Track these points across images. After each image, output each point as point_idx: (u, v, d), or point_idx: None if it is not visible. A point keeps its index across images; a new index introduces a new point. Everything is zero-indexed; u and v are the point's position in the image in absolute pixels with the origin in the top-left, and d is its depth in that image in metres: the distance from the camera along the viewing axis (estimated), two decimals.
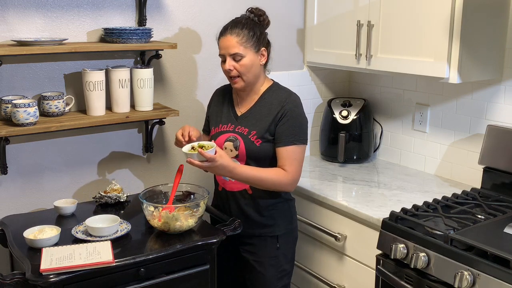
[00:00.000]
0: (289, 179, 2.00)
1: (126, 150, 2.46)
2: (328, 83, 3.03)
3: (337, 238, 2.31)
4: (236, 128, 2.07)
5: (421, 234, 1.89)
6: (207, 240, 1.93)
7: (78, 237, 1.88)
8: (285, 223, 2.15)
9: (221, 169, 1.90)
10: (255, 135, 2.03)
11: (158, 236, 1.95)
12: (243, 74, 2.01)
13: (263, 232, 2.11)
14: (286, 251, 2.15)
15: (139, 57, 2.40)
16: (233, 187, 2.10)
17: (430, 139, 2.66)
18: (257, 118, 2.06)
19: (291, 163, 2.00)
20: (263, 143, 2.03)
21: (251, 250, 2.13)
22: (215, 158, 1.86)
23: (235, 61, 2.00)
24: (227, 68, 2.00)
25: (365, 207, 2.22)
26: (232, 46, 1.98)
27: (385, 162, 2.88)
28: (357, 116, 2.80)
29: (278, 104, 2.04)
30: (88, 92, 2.18)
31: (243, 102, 2.12)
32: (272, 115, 2.04)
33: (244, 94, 2.11)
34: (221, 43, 2.02)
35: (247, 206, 2.09)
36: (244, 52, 1.99)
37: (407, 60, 2.28)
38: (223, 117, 2.13)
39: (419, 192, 2.39)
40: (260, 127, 2.04)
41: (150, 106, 2.33)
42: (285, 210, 2.15)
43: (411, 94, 2.73)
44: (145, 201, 1.99)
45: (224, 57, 2.02)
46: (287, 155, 2.01)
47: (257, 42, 2.02)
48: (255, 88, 2.09)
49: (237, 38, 1.99)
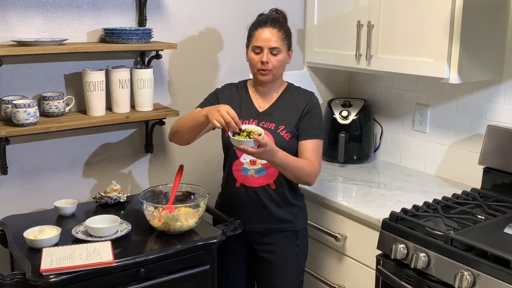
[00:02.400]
0: (316, 172, 2.02)
1: (126, 150, 2.46)
2: (328, 83, 3.03)
3: (337, 238, 2.31)
4: (260, 123, 2.06)
5: (421, 235, 1.89)
6: (207, 240, 1.93)
7: (78, 237, 1.88)
8: (303, 220, 2.17)
9: (269, 154, 1.85)
10: (284, 130, 2.04)
11: (158, 236, 1.95)
12: (276, 69, 2.04)
13: (284, 227, 2.10)
14: (303, 247, 2.18)
15: (139, 57, 2.40)
16: (254, 183, 2.07)
17: (430, 140, 2.66)
18: (282, 114, 2.07)
19: (316, 156, 2.03)
20: (292, 138, 2.05)
21: (270, 250, 2.11)
22: (267, 143, 1.81)
23: (272, 54, 2.02)
24: (265, 60, 2.01)
25: (365, 207, 2.22)
26: (273, 40, 2.01)
27: (385, 162, 2.88)
28: (357, 117, 2.79)
29: (303, 100, 2.09)
30: (88, 92, 2.18)
31: (263, 99, 2.13)
32: (299, 111, 2.07)
33: (264, 91, 2.11)
34: (260, 35, 2.02)
35: (269, 201, 2.08)
36: (281, 48, 2.03)
37: (407, 61, 2.28)
38: (242, 113, 2.09)
39: (419, 192, 2.39)
40: (288, 122, 2.06)
41: (150, 106, 2.33)
42: (303, 208, 2.18)
43: (411, 95, 2.73)
44: (145, 201, 1.99)
45: (260, 49, 2.02)
46: (313, 148, 2.04)
47: (289, 42, 2.08)
48: (275, 85, 2.12)
49: (279, 33, 2.02)
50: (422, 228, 1.92)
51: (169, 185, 2.12)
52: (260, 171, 2.06)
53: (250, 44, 2.06)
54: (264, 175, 2.06)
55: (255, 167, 2.06)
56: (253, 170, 2.07)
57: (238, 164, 2.08)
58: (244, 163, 2.07)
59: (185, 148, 2.60)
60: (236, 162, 2.08)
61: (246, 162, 2.07)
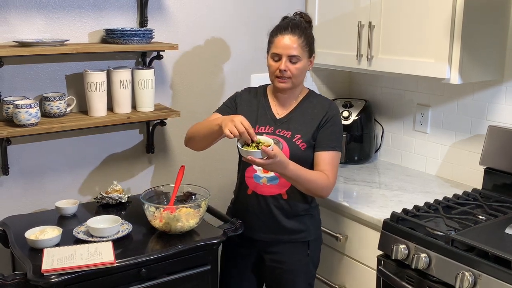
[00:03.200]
0: (330, 184, 1.97)
1: (128, 150, 2.46)
2: (329, 84, 3.03)
3: (338, 238, 2.31)
4: (277, 130, 2.02)
5: (422, 235, 1.89)
6: (208, 240, 1.93)
7: (79, 238, 1.88)
8: (315, 228, 2.12)
9: (278, 166, 1.81)
10: (300, 139, 2.00)
11: (159, 236, 1.95)
12: (295, 77, 1.99)
13: (294, 238, 2.05)
14: (314, 257, 2.12)
15: (140, 58, 2.40)
16: (265, 191, 2.03)
17: (431, 140, 2.66)
18: (300, 123, 2.03)
19: (331, 169, 1.97)
20: (308, 148, 2.00)
21: (278, 259, 2.07)
22: (276, 154, 1.78)
23: (291, 62, 1.97)
24: (283, 68, 1.97)
25: (366, 207, 2.22)
26: (292, 48, 1.96)
27: (386, 162, 2.88)
28: (358, 117, 2.80)
29: (322, 109, 2.03)
30: (89, 93, 2.19)
31: (281, 106, 2.08)
32: (317, 120, 2.02)
33: (283, 98, 2.07)
34: (280, 42, 1.98)
35: (279, 211, 2.03)
36: (301, 56, 1.98)
37: (408, 61, 2.28)
38: (259, 119, 2.07)
39: (420, 192, 2.39)
40: (305, 131, 2.01)
41: (152, 107, 2.34)
42: (315, 216, 2.13)
43: (412, 95, 2.73)
44: (147, 201, 1.99)
45: (279, 57, 1.98)
46: (329, 160, 1.98)
47: (311, 48, 2.03)
48: (294, 92, 2.07)
49: (299, 41, 1.97)
50: (423, 228, 1.92)
51: (170, 185, 2.12)
52: (272, 179, 2.02)
53: (270, 51, 2.02)
54: (277, 184, 2.02)
55: (268, 175, 2.01)
56: (266, 178, 2.03)
57: (251, 171, 2.05)
58: (257, 170, 2.03)
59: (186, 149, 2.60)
60: (249, 169, 2.05)
61: (259, 169, 2.02)
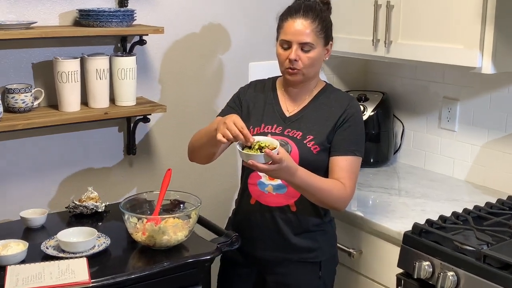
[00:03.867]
0: (347, 196, 1.95)
1: (105, 152, 2.46)
2: (341, 74, 3.03)
3: (351, 254, 2.31)
4: (286, 130, 2.01)
5: (449, 250, 1.89)
6: (200, 257, 1.93)
7: (48, 253, 1.87)
8: (329, 246, 2.10)
9: (285, 172, 1.79)
10: (312, 141, 1.98)
11: (142, 252, 1.95)
12: (307, 67, 1.97)
13: (304, 257, 2.04)
14: (327, 280, 2.10)
15: (120, 43, 2.40)
16: (270, 202, 2.01)
17: (460, 139, 2.66)
18: (313, 122, 2.02)
19: (350, 177, 1.95)
20: (321, 151, 1.98)
21: (284, 281, 2.05)
22: (283, 159, 1.76)
23: (303, 51, 1.96)
24: (293, 58, 1.95)
25: (384, 218, 2.22)
26: (305, 34, 1.94)
27: (407, 165, 2.88)
28: (374, 112, 2.80)
29: (340, 107, 2.02)
30: (60, 84, 2.18)
31: (292, 102, 2.08)
32: (333, 119, 2.00)
33: (294, 92, 2.07)
34: (290, 27, 1.96)
35: (286, 225, 2.02)
36: (315, 43, 1.96)
37: (432, 47, 2.28)
38: (265, 116, 2.06)
39: (447, 200, 2.39)
40: (318, 132, 1.99)
41: (133, 101, 2.33)
42: (329, 231, 2.11)
43: (438, 87, 2.73)
44: (127, 211, 1.99)
45: (289, 44, 1.96)
46: (347, 166, 1.96)
47: (327, 34, 2.01)
48: (308, 86, 2.06)
49: (312, 26, 1.95)
50: (451, 242, 1.92)
51: (155, 192, 2.12)
52: (279, 188, 2.00)
53: (279, 37, 2.01)
54: (284, 193, 2.00)
55: (274, 182, 2.00)
56: (271, 186, 2.01)
57: (255, 177, 2.04)
58: (262, 176, 2.01)
59: (174, 149, 2.60)
60: (253, 175, 2.04)
61: (265, 176, 2.00)
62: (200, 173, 2.67)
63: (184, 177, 2.62)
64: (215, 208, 2.70)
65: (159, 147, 2.57)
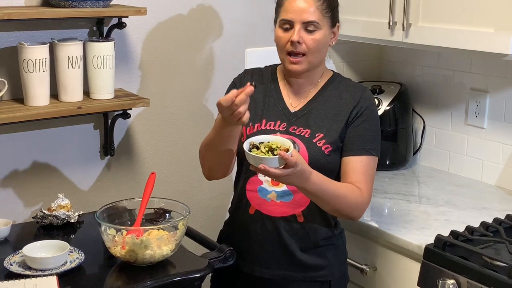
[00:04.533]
0: (365, 202, 1.96)
1: (78, 152, 2.46)
2: (352, 62, 3.03)
3: (363, 271, 2.31)
4: (291, 128, 2.01)
5: (478, 266, 1.90)
6: (188, 274, 1.93)
7: (12, 271, 1.87)
8: (339, 263, 2.11)
9: (299, 177, 1.78)
10: (322, 139, 1.98)
11: (122, 269, 1.95)
12: (312, 52, 1.96)
13: (311, 276, 2.04)
14: None
15: (95, 26, 2.40)
16: (273, 211, 2.01)
17: (490, 138, 2.67)
18: (322, 117, 2.02)
19: (366, 180, 1.96)
20: (333, 151, 1.98)
21: None
22: (298, 162, 1.74)
23: (307, 31, 1.95)
24: (296, 39, 1.94)
25: (402, 229, 2.23)
26: (309, 12, 1.94)
27: (429, 168, 2.89)
28: (390, 107, 2.80)
29: (352, 99, 2.02)
30: (26, 74, 2.18)
31: (296, 95, 2.08)
32: (345, 114, 2.00)
33: (298, 83, 2.06)
34: (291, 4, 1.95)
35: (292, 239, 2.02)
36: (321, 23, 1.96)
37: (458, 31, 2.29)
38: (266, 112, 2.06)
39: (475, 209, 2.40)
40: (329, 129, 2.00)
41: (111, 93, 2.34)
42: (340, 246, 2.12)
43: (464, 77, 2.74)
44: (104, 221, 1.99)
45: (291, 24, 1.96)
46: (362, 168, 1.97)
47: (334, 14, 2.01)
48: (313, 76, 2.06)
49: (317, 3, 1.95)
50: (479, 257, 1.93)
51: (136, 199, 2.12)
52: (284, 195, 2.01)
53: (278, 18, 2.01)
54: (290, 201, 2.01)
55: (278, 188, 2.00)
56: (275, 193, 2.01)
57: (255, 182, 2.03)
58: (264, 181, 2.02)
59: (158, 150, 2.60)
60: (253, 180, 2.04)
61: (267, 181, 2.01)
62: (188, 178, 2.68)
63: (170, 182, 2.62)
64: (206, 218, 2.70)
65: (141, 147, 2.58)
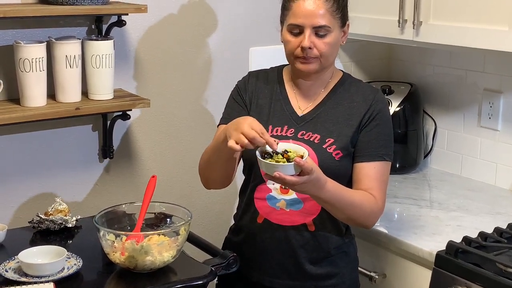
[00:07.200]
0: (379, 210, 1.96)
1: (76, 155, 2.46)
2: (360, 62, 3.03)
3: (372, 278, 2.31)
4: (299, 133, 2.00)
5: (491, 274, 1.89)
6: (190, 281, 1.93)
7: (8, 277, 1.87)
8: (350, 270, 2.11)
9: (314, 185, 1.78)
10: (332, 145, 1.98)
11: (121, 276, 1.95)
12: (324, 56, 1.96)
13: (322, 285, 2.04)
14: None
15: (94, 24, 2.40)
16: (283, 220, 2.00)
17: (504, 140, 2.66)
18: (333, 122, 2.01)
19: (380, 187, 1.96)
20: (344, 157, 1.98)
21: None
22: (313, 169, 1.74)
23: (318, 36, 1.94)
24: (307, 45, 1.92)
25: (412, 235, 2.22)
26: (319, 15, 1.92)
27: (440, 172, 2.89)
28: (400, 108, 2.80)
29: (364, 102, 2.01)
30: (22, 73, 2.18)
31: (304, 97, 2.07)
32: (357, 118, 2.00)
33: (306, 86, 2.05)
34: (300, 8, 1.93)
35: (303, 248, 2.01)
36: (332, 26, 1.95)
37: (470, 29, 2.29)
38: (272, 117, 2.05)
39: (488, 214, 2.40)
40: (339, 134, 1.99)
41: (110, 94, 2.34)
42: (351, 253, 2.12)
43: (477, 77, 2.73)
44: (103, 226, 1.99)
45: (301, 29, 1.94)
46: (376, 174, 1.96)
47: (344, 14, 2.01)
48: (323, 77, 2.05)
49: (327, 5, 1.93)
50: (493, 264, 1.92)
51: (137, 204, 2.12)
52: (293, 203, 2.00)
53: (286, 21, 1.99)
54: (300, 210, 2.00)
55: (288, 196, 1.99)
56: (284, 201, 2.00)
57: (264, 190, 2.02)
58: (273, 189, 2.00)
59: (159, 153, 2.60)
60: (262, 187, 2.03)
61: (276, 189, 2.00)
62: (190, 181, 2.67)
63: (171, 185, 2.62)
64: (209, 223, 2.70)
65: (141, 150, 2.58)
